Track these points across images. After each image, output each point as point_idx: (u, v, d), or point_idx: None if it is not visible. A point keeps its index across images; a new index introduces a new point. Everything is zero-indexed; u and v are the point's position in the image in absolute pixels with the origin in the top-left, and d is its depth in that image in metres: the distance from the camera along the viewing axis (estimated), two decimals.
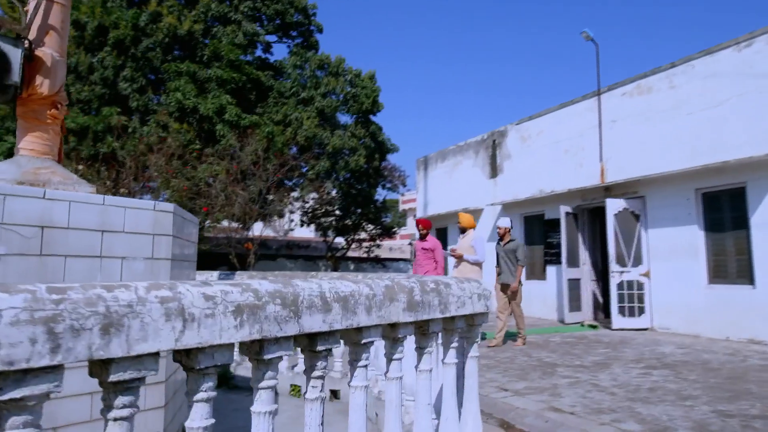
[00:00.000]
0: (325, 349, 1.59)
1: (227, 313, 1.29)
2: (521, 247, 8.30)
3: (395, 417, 1.90)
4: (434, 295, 2.02)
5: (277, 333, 1.41)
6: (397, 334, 1.88)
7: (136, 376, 1.14)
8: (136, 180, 9.47)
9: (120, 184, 9.06)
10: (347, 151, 18.02)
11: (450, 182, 16.89)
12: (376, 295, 1.75)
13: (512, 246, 8.30)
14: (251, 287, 1.38)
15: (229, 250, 11.64)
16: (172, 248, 2.78)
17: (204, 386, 1.29)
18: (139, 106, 14.06)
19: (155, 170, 9.71)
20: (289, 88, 17.77)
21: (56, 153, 3.12)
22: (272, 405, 1.45)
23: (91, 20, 13.70)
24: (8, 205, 2.23)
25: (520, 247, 8.27)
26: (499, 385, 5.76)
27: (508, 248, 8.33)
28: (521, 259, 8.21)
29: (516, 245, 8.29)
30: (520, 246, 8.30)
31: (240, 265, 11.46)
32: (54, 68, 3.03)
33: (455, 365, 2.25)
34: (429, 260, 7.98)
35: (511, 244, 8.32)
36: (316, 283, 1.58)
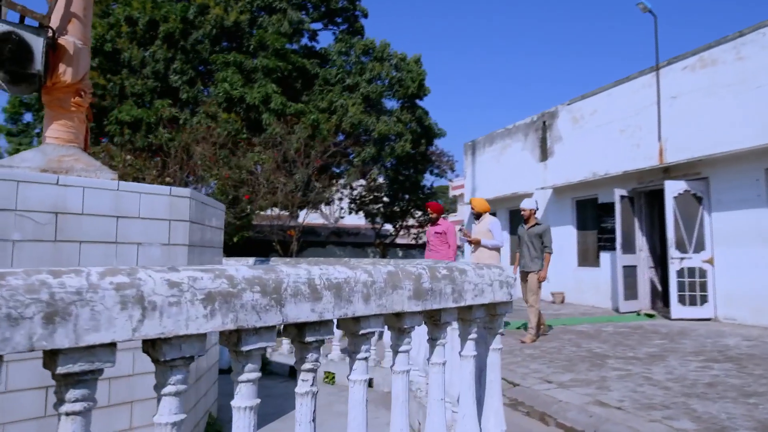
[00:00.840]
0: (315, 341, 1.47)
1: (195, 301, 1.19)
2: (548, 231, 7.44)
3: (401, 414, 1.77)
4: (447, 282, 1.86)
5: (256, 323, 1.30)
6: (403, 325, 1.74)
7: (88, 368, 1.06)
8: (182, 169, 9.73)
9: (166, 174, 9.33)
10: (393, 137, 17.85)
11: (498, 166, 16.43)
12: (376, 282, 1.61)
13: (538, 230, 7.47)
14: (225, 273, 1.27)
15: (273, 237, 11.80)
16: (189, 234, 2.74)
17: (172, 379, 1.20)
18: (189, 97, 14.43)
19: (199, 159, 9.92)
20: (334, 75, 17.74)
21: (82, 140, 3.15)
22: (254, 400, 1.34)
23: (142, 15, 14.13)
24: (22, 192, 2.24)
25: (546, 231, 7.42)
26: (543, 376, 5.51)
27: (532, 232, 7.51)
28: (548, 245, 7.39)
29: (542, 229, 7.46)
30: (546, 230, 7.45)
31: (284, 252, 11.60)
32: (77, 56, 3.04)
33: (473, 358, 2.08)
34: (443, 244, 7.60)
35: (537, 227, 7.50)
36: (304, 269, 1.45)
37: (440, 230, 7.62)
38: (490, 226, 7.38)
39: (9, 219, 2.19)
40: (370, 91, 17.23)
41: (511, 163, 15.75)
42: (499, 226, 7.47)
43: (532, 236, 7.48)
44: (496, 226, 7.40)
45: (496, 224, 7.42)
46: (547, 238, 7.39)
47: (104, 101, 14.27)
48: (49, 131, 3.02)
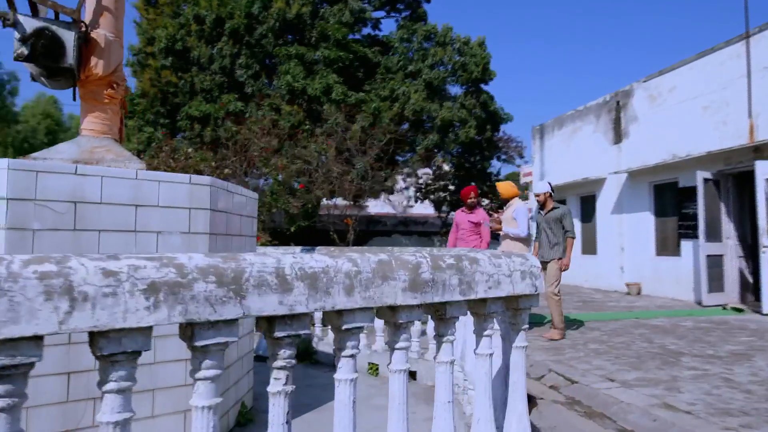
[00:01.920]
0: (286, 336, 1.34)
1: (135, 292, 1.09)
2: (568, 216, 6.71)
3: (398, 418, 1.61)
4: (452, 272, 1.67)
5: (210, 316, 1.19)
6: (398, 320, 1.57)
7: (9, 363, 0.99)
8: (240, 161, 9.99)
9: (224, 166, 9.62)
10: (457, 124, 17.43)
11: (568, 151, 15.61)
12: (362, 272, 1.45)
13: (556, 213, 6.76)
14: (174, 262, 1.17)
15: (329, 226, 11.88)
16: (210, 222, 2.71)
17: (113, 375, 1.11)
18: (254, 91, 14.81)
19: (255, 150, 10.14)
20: (396, 62, 17.57)
21: (116, 131, 3.21)
22: (214, 399, 1.24)
23: (209, 13, 14.63)
24: (41, 182, 2.28)
25: (566, 216, 6.70)
26: (606, 374, 5.12)
27: (550, 217, 6.78)
28: (570, 229, 6.66)
29: (561, 213, 6.74)
30: (566, 214, 6.72)
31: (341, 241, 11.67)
32: (108, 49, 3.09)
33: (489, 357, 1.87)
34: (473, 234, 6.95)
35: (555, 211, 6.79)
36: (273, 258, 1.33)
37: (474, 219, 6.97)
38: (514, 213, 6.72)
39: (29, 209, 2.24)
40: (433, 77, 16.90)
41: (582, 146, 14.90)
42: (525, 212, 6.74)
43: (551, 221, 6.78)
44: (521, 212, 6.69)
45: (520, 211, 6.71)
46: (567, 221, 6.69)
47: (176, 98, 14.97)
48: (84, 123, 3.10)
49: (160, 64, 15.28)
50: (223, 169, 8.94)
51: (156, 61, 15.28)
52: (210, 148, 11.42)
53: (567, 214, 6.73)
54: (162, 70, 15.13)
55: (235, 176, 9.40)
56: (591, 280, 14.31)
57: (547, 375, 5.26)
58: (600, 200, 14.16)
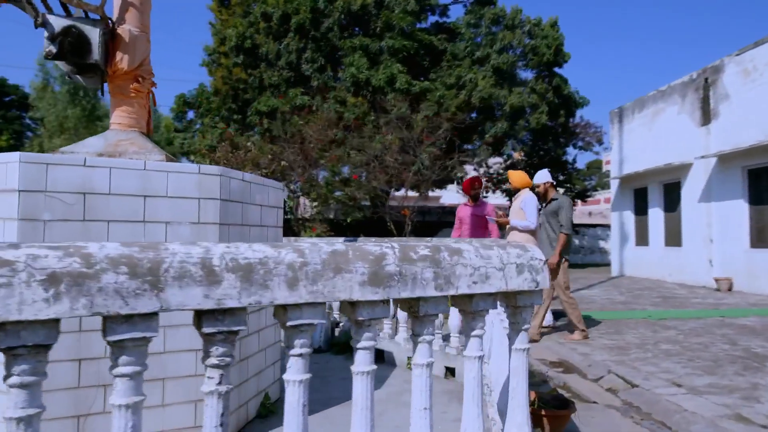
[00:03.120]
0: (217, 332, 1.24)
1: (33, 282, 1.04)
2: (565, 208, 5.98)
3: (361, 421, 1.47)
4: (426, 264, 1.50)
5: (121, 309, 1.11)
6: (357, 316, 1.43)
7: None
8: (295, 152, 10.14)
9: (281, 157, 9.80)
10: (528, 109, 16.71)
11: (650, 135, 14.48)
12: (309, 264, 1.33)
13: (553, 206, 6.06)
14: (82, 251, 1.10)
15: (386, 217, 11.78)
16: (221, 212, 2.69)
17: (16, 369, 1.06)
18: (320, 84, 15.00)
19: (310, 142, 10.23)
20: (463, 49, 17.11)
21: (143, 124, 3.28)
22: (131, 398, 1.16)
23: (276, 10, 14.98)
24: (51, 174, 2.34)
25: (563, 208, 5.97)
26: (673, 378, 4.64)
27: (548, 209, 6.11)
28: (565, 223, 5.94)
29: (557, 204, 6.02)
30: (563, 206, 5.98)
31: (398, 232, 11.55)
32: (132, 43, 3.15)
33: (478, 360, 1.68)
34: (482, 231, 6.38)
35: (552, 203, 6.09)
36: (202, 247, 1.23)
37: (479, 213, 6.47)
38: (522, 203, 6.13)
39: (39, 200, 2.31)
40: (501, 62, 16.29)
41: (665, 129, 13.76)
42: (534, 203, 6.11)
43: (549, 215, 6.12)
44: (529, 204, 6.09)
45: (529, 202, 6.10)
46: (563, 214, 5.97)
47: (246, 94, 15.50)
48: (113, 117, 3.19)
49: (231, 62, 15.88)
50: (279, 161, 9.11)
51: (228, 59, 15.89)
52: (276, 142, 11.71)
53: (564, 206, 6.02)
54: (233, 67, 15.72)
55: (292, 168, 9.59)
56: (675, 274, 13.23)
57: (606, 377, 4.86)
58: (686, 187, 13.02)
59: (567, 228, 5.91)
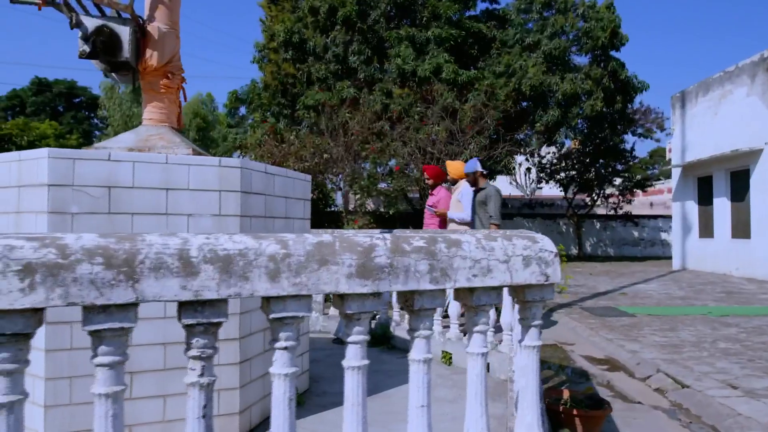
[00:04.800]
0: (197, 323, 1.23)
1: (8, 272, 1.06)
2: (493, 197, 5.60)
3: (354, 417, 1.43)
4: (420, 256, 1.44)
5: (96, 300, 1.12)
6: (347, 309, 1.38)
7: None
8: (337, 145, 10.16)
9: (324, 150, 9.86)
10: (582, 96, 16.04)
11: (715, 119, 13.58)
12: (292, 256, 1.29)
13: (480, 196, 5.68)
14: (57, 242, 1.12)
15: None
16: (242, 204, 2.71)
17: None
18: (366, 76, 15.00)
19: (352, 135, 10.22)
20: (512, 36, 16.63)
21: (174, 120, 3.36)
22: (113, 387, 1.18)
23: (323, 4, 15.08)
24: (77, 168, 2.43)
25: (490, 197, 5.60)
26: (728, 379, 4.34)
27: (477, 200, 5.72)
28: (493, 213, 5.56)
29: (485, 195, 5.64)
30: (491, 195, 5.61)
31: None
32: (161, 40, 3.22)
33: (482, 357, 1.60)
34: (433, 218, 6.13)
35: (480, 193, 5.71)
36: (180, 238, 1.22)
37: (431, 202, 6.18)
38: (459, 195, 5.85)
39: (67, 193, 2.41)
40: (553, 47, 15.71)
41: (733, 113, 12.85)
42: (470, 195, 5.80)
43: (478, 205, 5.74)
44: (466, 196, 5.80)
45: (465, 194, 5.81)
46: (492, 204, 5.60)
47: (295, 89, 15.72)
48: (144, 113, 3.29)
49: (281, 57, 16.14)
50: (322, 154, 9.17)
51: (277, 55, 16.17)
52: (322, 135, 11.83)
53: (492, 195, 5.66)
54: (282, 63, 15.98)
55: (336, 161, 9.64)
56: (743, 268, 12.38)
57: (654, 376, 4.61)
58: (755, 175, 12.14)
59: (496, 218, 5.61)
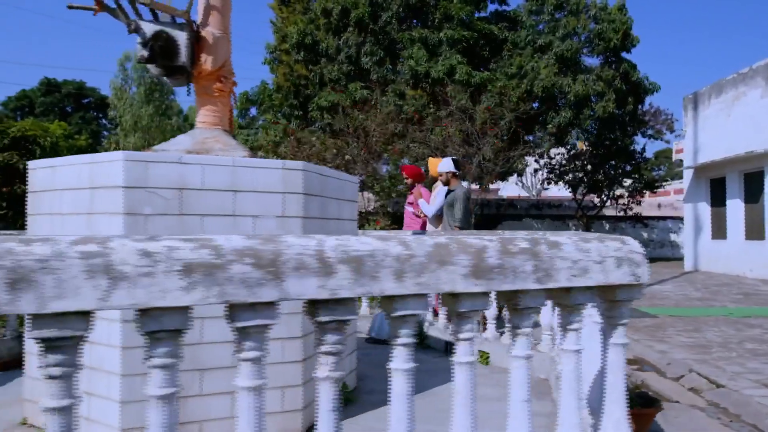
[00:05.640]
0: (331, 321, 1.29)
1: (171, 272, 1.12)
2: (459, 200, 5.61)
3: (463, 414, 1.49)
4: (525, 257, 1.50)
5: (246, 298, 1.18)
6: (459, 308, 1.44)
7: (58, 335, 1.07)
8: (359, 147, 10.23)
9: (345, 152, 9.92)
10: (593, 98, 16.08)
11: (728, 121, 13.61)
12: (415, 256, 1.36)
13: (449, 199, 5.75)
14: (212, 243, 1.18)
15: None
16: (303, 206, 2.78)
17: (157, 351, 1.16)
18: (379, 78, 15.08)
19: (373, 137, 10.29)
20: (524, 37, 16.67)
21: (226, 122, 3.43)
22: (257, 380, 1.24)
23: (335, 6, 15.16)
24: (151, 171, 2.50)
25: (457, 200, 5.62)
26: (761, 379, 4.39)
27: (447, 201, 5.78)
28: (458, 217, 5.58)
29: (452, 197, 5.68)
30: (457, 198, 5.63)
31: None
32: (215, 45, 3.29)
33: (576, 354, 1.66)
34: (413, 217, 6.23)
35: (449, 195, 5.78)
36: (315, 240, 1.29)
37: (411, 200, 6.26)
38: (437, 192, 6.01)
39: (141, 195, 2.47)
40: (564, 49, 15.75)
41: (746, 115, 12.88)
42: (443, 195, 5.90)
43: (446, 206, 5.79)
44: (440, 194, 5.93)
45: (440, 192, 5.95)
46: (457, 206, 5.62)
47: (307, 90, 15.80)
48: (198, 116, 3.36)
49: (293, 59, 16.22)
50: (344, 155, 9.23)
51: (289, 56, 16.25)
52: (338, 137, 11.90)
53: (459, 198, 5.68)
54: (294, 64, 16.06)
55: (356, 162, 9.70)
56: (757, 269, 12.41)
57: (687, 375, 4.66)
58: None
59: (457, 221, 5.62)
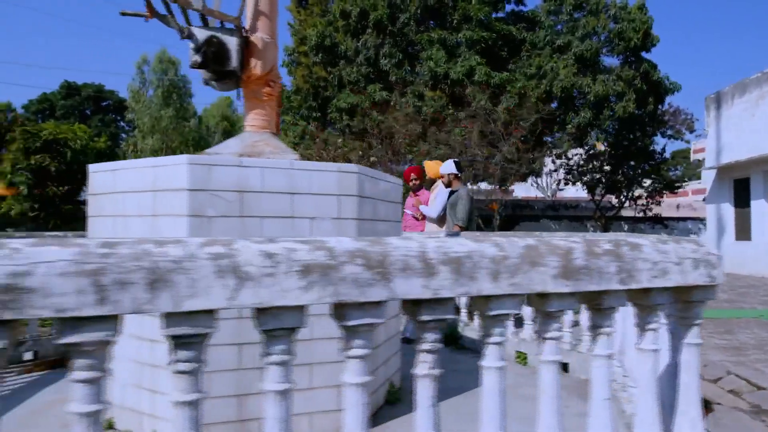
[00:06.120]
0: (432, 320, 1.34)
1: (291, 273, 1.17)
2: (461, 200, 5.72)
3: (550, 412, 1.53)
4: (609, 258, 1.53)
5: (358, 297, 1.23)
6: (548, 308, 1.48)
7: (190, 332, 1.12)
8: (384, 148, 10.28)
9: (370, 153, 9.97)
10: (613, 98, 15.98)
11: (752, 120, 13.45)
12: (509, 258, 1.39)
13: (452, 199, 5.85)
14: (325, 245, 1.23)
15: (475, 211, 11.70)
16: (358, 208, 2.83)
17: (275, 349, 1.21)
18: (398, 79, 15.13)
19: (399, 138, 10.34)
20: (542, 37, 16.62)
21: (274, 126, 3.50)
22: (364, 377, 1.29)
23: (354, 8, 15.25)
24: (214, 175, 2.57)
25: (459, 200, 5.73)
26: None
27: (450, 201, 5.89)
28: (460, 216, 5.68)
29: (456, 198, 5.79)
30: (460, 198, 5.74)
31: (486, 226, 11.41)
32: (264, 50, 3.36)
33: (654, 353, 1.69)
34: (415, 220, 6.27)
35: (452, 196, 5.88)
36: (417, 242, 1.33)
37: (411, 203, 6.32)
38: (437, 193, 6.08)
39: (205, 198, 2.54)
40: (584, 49, 15.68)
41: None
42: (445, 196, 5.99)
43: (449, 207, 5.89)
44: (441, 195, 6.00)
45: (440, 193, 6.03)
46: (459, 207, 5.72)
47: (326, 92, 15.90)
48: (247, 120, 3.42)
49: (311, 61, 16.34)
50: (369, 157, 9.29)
51: (308, 58, 16.37)
52: (359, 138, 11.97)
53: (461, 198, 5.77)
54: (313, 66, 16.17)
55: (381, 163, 9.75)
56: None
57: (726, 378, 4.64)
58: None
59: (460, 220, 5.70)
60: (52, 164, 8.97)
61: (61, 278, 1.01)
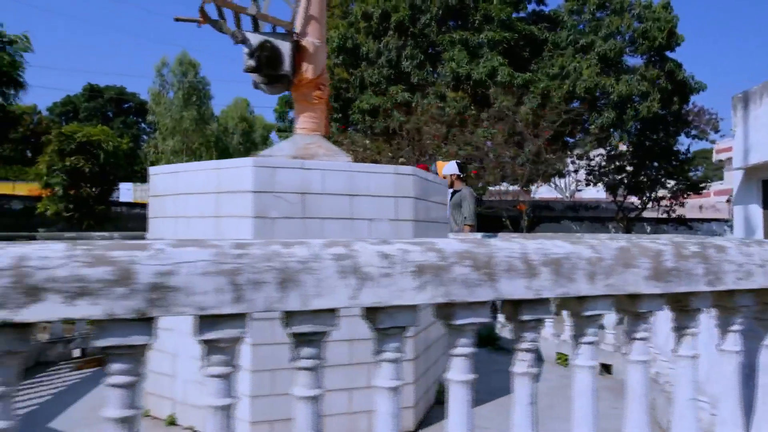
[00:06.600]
0: (532, 320, 1.37)
1: (406, 273, 1.21)
2: (467, 199, 5.87)
3: (639, 410, 1.55)
4: (697, 261, 1.55)
5: (467, 297, 1.27)
6: (639, 309, 1.51)
7: (313, 330, 1.17)
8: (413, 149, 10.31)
9: (399, 155, 10.00)
10: (636, 98, 15.83)
11: None
12: (604, 259, 1.42)
13: (455, 198, 5.94)
14: (435, 247, 1.27)
15: (501, 212, 11.70)
16: (414, 209, 2.87)
17: (388, 347, 1.25)
18: (420, 80, 15.15)
19: (427, 139, 10.36)
20: (565, 37, 16.52)
21: (323, 129, 3.55)
22: (468, 375, 1.32)
23: (375, 9, 15.31)
24: (277, 177, 2.63)
25: (465, 199, 5.87)
26: None
27: (453, 201, 5.98)
28: (468, 215, 5.82)
29: (459, 197, 5.91)
30: (465, 198, 5.88)
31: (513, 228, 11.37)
32: (315, 54, 3.42)
33: (737, 354, 1.70)
34: None
35: (456, 195, 5.98)
36: (518, 244, 1.36)
37: None
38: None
39: (269, 200, 2.60)
40: (607, 49, 15.55)
41: None
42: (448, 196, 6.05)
43: (453, 206, 5.98)
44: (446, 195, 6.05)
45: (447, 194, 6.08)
46: (465, 206, 5.86)
47: (348, 93, 15.98)
48: (298, 123, 3.49)
49: (333, 63, 16.42)
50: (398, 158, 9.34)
51: (329, 60, 16.46)
52: (385, 140, 12.02)
53: (466, 197, 5.92)
54: (335, 68, 16.26)
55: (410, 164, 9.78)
56: None
57: None
58: None
59: (470, 219, 5.86)
60: (86, 166, 9.16)
61: (203, 277, 1.06)
